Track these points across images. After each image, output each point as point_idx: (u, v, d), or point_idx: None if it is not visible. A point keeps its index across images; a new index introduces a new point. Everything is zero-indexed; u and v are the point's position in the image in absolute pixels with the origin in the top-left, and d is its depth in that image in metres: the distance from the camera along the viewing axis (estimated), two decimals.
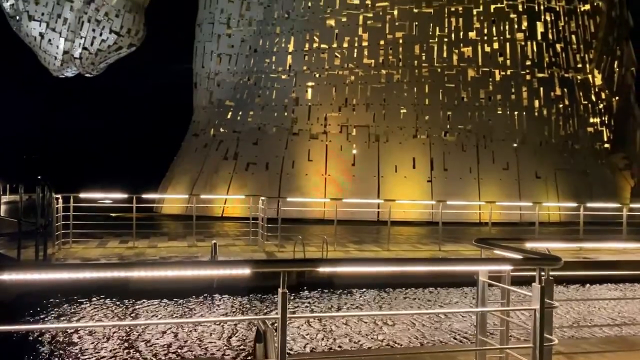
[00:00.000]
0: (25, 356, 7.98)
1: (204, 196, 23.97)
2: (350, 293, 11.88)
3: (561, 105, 27.86)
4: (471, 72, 26.77)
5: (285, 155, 26.48)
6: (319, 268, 4.78)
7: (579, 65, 28.69)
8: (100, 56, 29.02)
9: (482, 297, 5.49)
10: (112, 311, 10.39)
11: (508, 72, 26.95)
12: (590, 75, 29.23)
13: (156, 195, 27.30)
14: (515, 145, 26.70)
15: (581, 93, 28.71)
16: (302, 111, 27.07)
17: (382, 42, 26.79)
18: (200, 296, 11.17)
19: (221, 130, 28.50)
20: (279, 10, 28.11)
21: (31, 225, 12.79)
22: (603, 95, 30.02)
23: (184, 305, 10.80)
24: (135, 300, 10.74)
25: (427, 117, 26.26)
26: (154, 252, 14.17)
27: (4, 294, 9.61)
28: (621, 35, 31.05)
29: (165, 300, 10.80)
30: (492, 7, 26.96)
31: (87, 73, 30.15)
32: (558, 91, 27.84)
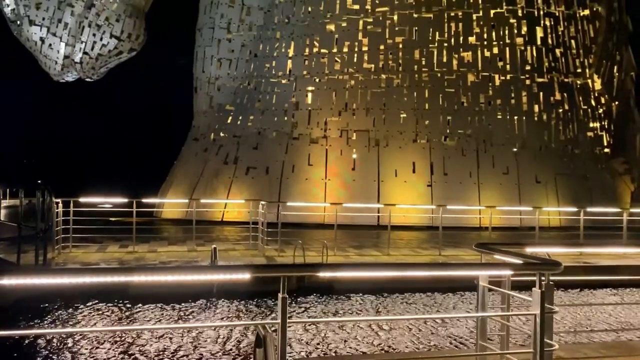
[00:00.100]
0: None
1: (204, 200, 23.97)
2: (350, 298, 11.85)
3: (561, 110, 27.90)
4: (471, 77, 26.82)
5: (286, 160, 26.49)
6: (319, 273, 4.78)
7: (579, 70, 28.74)
8: (100, 61, 29.08)
9: (482, 302, 5.48)
10: (112, 316, 10.37)
11: (508, 76, 26.99)
12: (589, 80, 29.28)
13: (156, 200, 27.29)
14: (515, 149, 26.72)
15: (581, 98, 28.75)
16: (302, 116, 27.10)
17: (382, 47, 26.85)
18: (200, 301, 11.16)
19: (221, 134, 28.53)
20: (279, 15, 28.19)
21: (31, 230, 12.78)
22: (603, 100, 30.06)
23: (183, 310, 10.78)
24: (135, 305, 10.72)
25: (427, 122, 26.29)
26: (154, 256, 14.15)
27: (2, 298, 9.59)
28: (620, 40, 31.12)
29: (164, 305, 10.79)
30: (492, 12, 27.03)
31: (88, 77, 30.20)
32: (558, 96, 27.88)
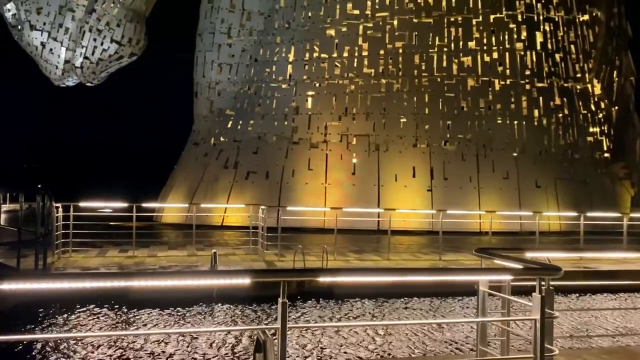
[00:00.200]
0: None
1: (204, 205, 23.96)
2: (350, 302, 11.84)
3: (561, 115, 27.92)
4: (471, 82, 26.86)
5: (286, 164, 26.50)
6: (319, 278, 4.78)
7: (578, 75, 28.78)
8: (101, 65, 29.11)
9: (482, 307, 5.48)
10: (111, 321, 10.36)
11: (507, 81, 27.03)
12: (589, 85, 29.32)
13: (156, 204, 27.27)
14: (515, 154, 26.72)
15: (581, 102, 28.78)
16: (302, 120, 27.13)
17: (382, 52, 26.91)
18: (200, 305, 11.14)
19: (221, 139, 28.55)
20: (280, 20, 28.26)
21: (31, 234, 12.77)
22: (602, 104, 30.09)
23: (183, 314, 10.76)
24: (135, 310, 10.71)
25: (427, 127, 26.31)
26: (154, 261, 14.14)
27: (2, 302, 9.57)
28: (620, 45, 31.18)
29: (164, 310, 10.77)
30: (492, 17, 27.09)
31: (88, 82, 30.23)
32: (557, 101, 27.91)
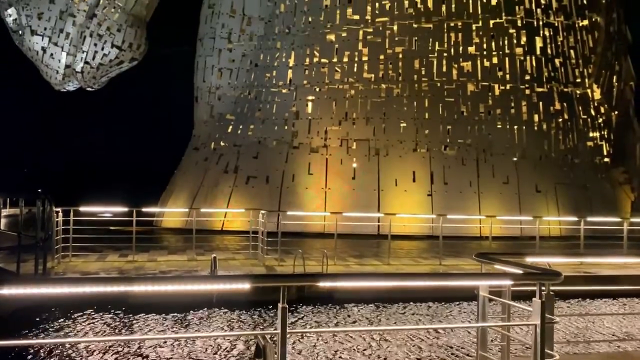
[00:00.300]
0: None
1: (204, 210, 23.97)
2: (350, 307, 11.82)
3: (560, 120, 27.95)
4: (471, 87, 26.90)
5: (286, 169, 26.51)
6: (318, 283, 4.77)
7: (578, 80, 28.82)
8: (101, 70, 29.18)
9: (482, 312, 5.47)
10: (111, 325, 10.34)
11: (507, 86, 27.07)
12: (589, 90, 29.36)
13: (156, 209, 27.29)
14: (515, 159, 26.74)
15: (580, 107, 28.81)
16: (302, 125, 27.16)
17: (382, 57, 26.96)
18: (200, 310, 11.13)
19: (222, 143, 28.57)
20: (280, 25, 28.33)
21: (31, 239, 12.77)
22: (602, 109, 30.12)
23: (183, 319, 10.74)
24: (135, 314, 10.69)
25: (427, 131, 26.33)
26: (154, 265, 14.12)
27: (2, 307, 9.56)
28: (620, 50, 31.24)
29: (164, 315, 10.75)
30: (491, 22, 27.16)
31: (89, 87, 30.28)
32: (557, 105, 27.94)
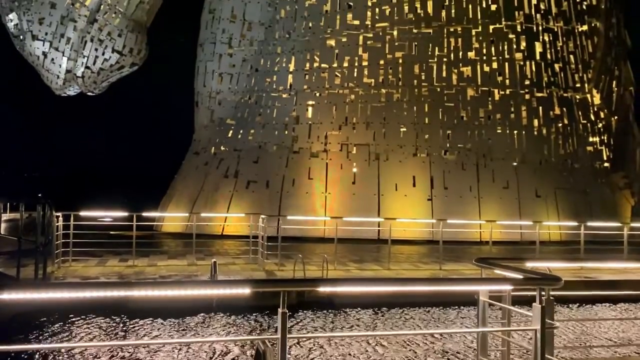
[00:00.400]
0: None
1: (204, 214, 23.96)
2: (351, 312, 11.80)
3: (560, 125, 27.98)
4: (470, 92, 26.94)
5: (286, 174, 26.52)
6: (319, 288, 4.77)
7: (578, 85, 28.87)
8: (102, 75, 29.23)
9: (482, 317, 5.47)
10: (111, 330, 10.32)
11: (507, 91, 27.12)
12: (589, 95, 29.40)
13: (156, 214, 27.28)
14: (515, 164, 26.75)
15: (580, 112, 28.85)
16: (302, 130, 27.19)
17: (382, 62, 27.02)
18: (200, 315, 11.11)
19: (222, 148, 28.60)
20: (280, 30, 28.41)
21: (31, 244, 12.76)
22: (602, 114, 30.16)
23: (183, 324, 10.73)
24: (134, 319, 10.68)
25: (427, 136, 26.36)
26: (154, 270, 14.12)
27: (1, 312, 9.54)
28: (619, 55, 31.30)
29: (164, 319, 10.74)
30: (491, 27, 27.24)
31: (89, 92, 30.33)
32: (557, 110, 27.98)
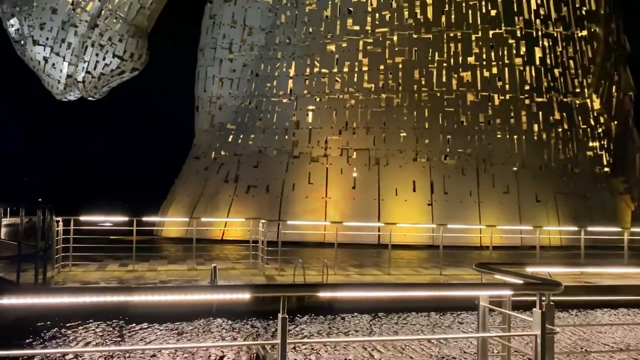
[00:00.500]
0: None
1: (204, 219, 23.96)
2: (351, 317, 11.79)
3: (560, 130, 28.01)
4: (470, 97, 26.99)
5: (286, 178, 26.54)
6: (319, 293, 4.77)
7: (577, 90, 28.92)
8: (103, 80, 29.28)
9: (483, 322, 5.47)
10: (111, 335, 10.31)
11: (507, 96, 27.16)
12: (588, 100, 29.45)
13: (156, 218, 27.28)
14: (515, 169, 26.76)
15: (580, 117, 28.89)
16: (302, 134, 27.23)
17: (382, 67, 27.08)
18: (200, 320, 11.10)
19: (222, 153, 28.63)
20: (281, 35, 28.50)
21: (31, 248, 12.76)
22: (602, 119, 30.20)
23: (183, 329, 10.71)
24: (134, 324, 10.66)
25: (427, 141, 26.39)
26: (154, 275, 14.11)
27: (1, 317, 9.53)
28: (619, 61, 31.37)
29: (164, 324, 10.72)
30: (491, 32, 27.31)
31: (90, 96, 30.38)
32: (557, 115, 28.02)
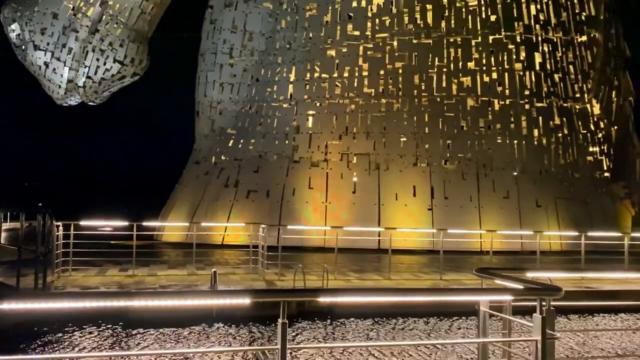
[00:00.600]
0: None
1: (204, 224, 23.96)
2: (351, 322, 11.77)
3: (560, 135, 28.03)
4: (470, 102, 27.03)
5: (286, 183, 26.54)
6: (319, 298, 4.77)
7: (577, 95, 28.97)
8: (103, 85, 29.34)
9: (483, 328, 5.46)
10: (111, 340, 10.29)
11: (507, 101, 27.20)
12: (588, 105, 29.49)
13: (157, 223, 27.29)
14: (515, 173, 26.77)
15: (580, 122, 28.92)
16: (303, 139, 27.25)
17: (382, 72, 27.14)
18: (200, 325, 11.08)
19: (222, 157, 28.65)
20: (281, 40, 28.57)
21: (31, 253, 12.75)
22: (602, 124, 30.23)
23: (182, 334, 10.69)
24: (134, 329, 10.64)
25: (427, 146, 26.41)
26: (154, 280, 14.09)
27: (1, 322, 9.51)
28: (618, 66, 31.44)
29: (164, 329, 10.70)
30: (491, 38, 27.38)
31: (91, 101, 30.43)
32: (557, 120, 28.05)
